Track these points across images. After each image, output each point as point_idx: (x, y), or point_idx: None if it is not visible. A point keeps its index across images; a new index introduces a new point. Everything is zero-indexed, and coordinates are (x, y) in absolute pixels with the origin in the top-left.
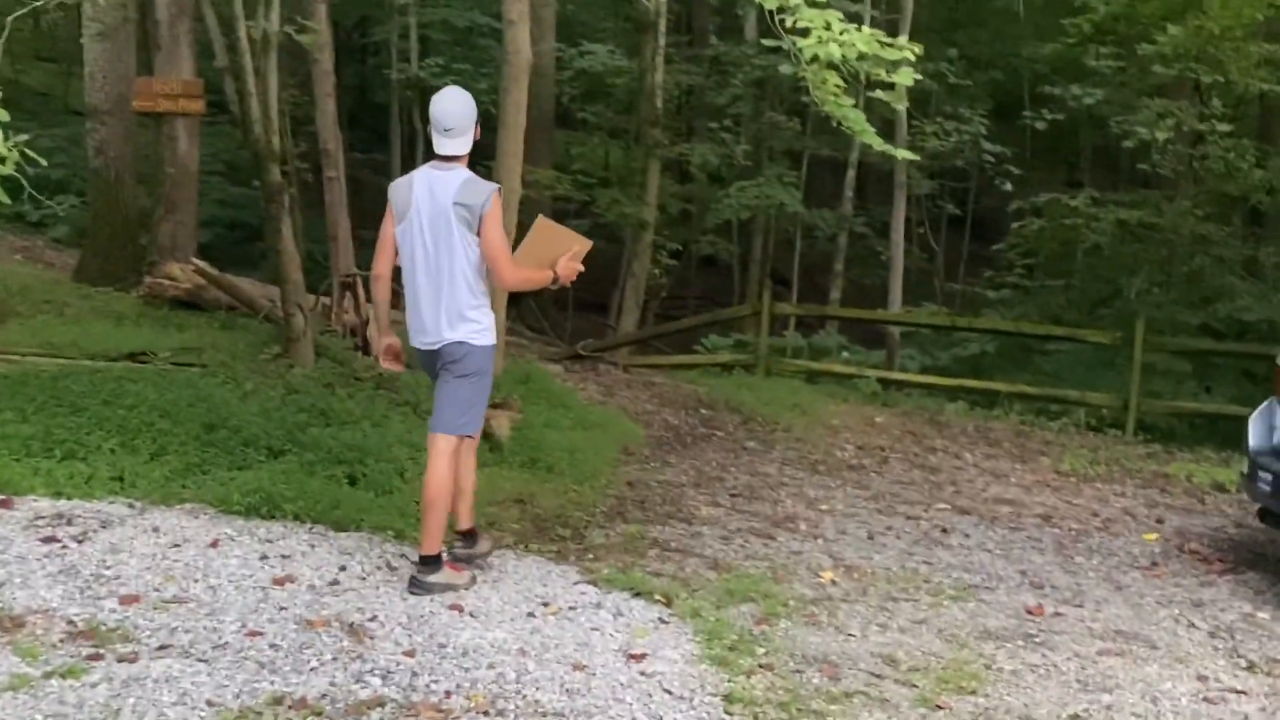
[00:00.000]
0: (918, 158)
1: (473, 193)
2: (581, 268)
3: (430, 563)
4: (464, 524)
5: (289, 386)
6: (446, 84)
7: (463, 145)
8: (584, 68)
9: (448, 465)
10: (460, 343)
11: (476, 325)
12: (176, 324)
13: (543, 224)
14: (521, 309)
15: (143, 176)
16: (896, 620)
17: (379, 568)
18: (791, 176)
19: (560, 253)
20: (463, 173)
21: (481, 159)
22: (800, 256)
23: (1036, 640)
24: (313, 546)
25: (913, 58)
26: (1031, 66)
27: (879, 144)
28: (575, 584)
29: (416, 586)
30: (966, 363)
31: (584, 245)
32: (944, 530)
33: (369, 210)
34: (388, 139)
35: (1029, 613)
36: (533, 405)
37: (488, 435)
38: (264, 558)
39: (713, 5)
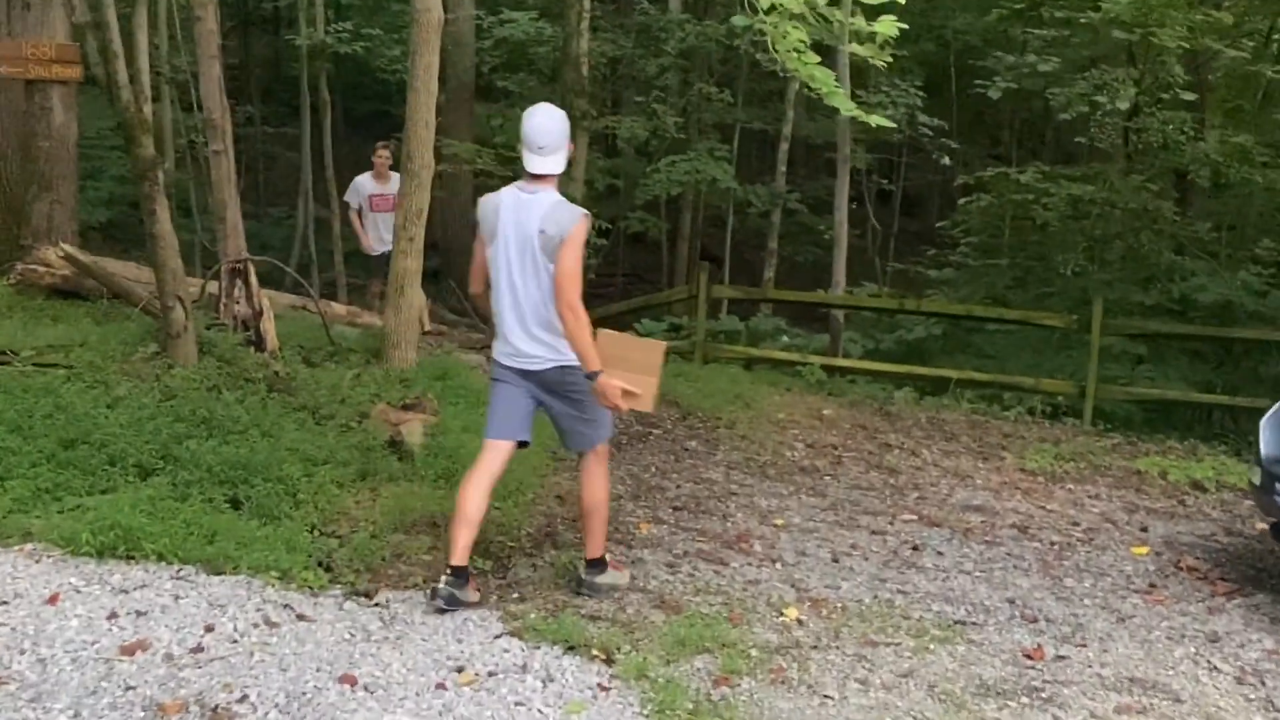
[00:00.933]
0: (896, 125)
1: (557, 219)
2: (623, 406)
3: (597, 564)
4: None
5: (166, 391)
6: (355, 50)
7: (555, 164)
8: (505, 36)
9: (604, 477)
10: (560, 366)
11: (564, 345)
12: (51, 316)
13: (604, 337)
14: (442, 288)
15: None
16: (878, 674)
17: (256, 624)
18: (723, 150)
19: (631, 355)
20: (551, 195)
21: (392, 130)
22: (731, 233)
23: (1043, 695)
24: (177, 598)
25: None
26: (964, 39)
27: (849, 107)
28: (496, 638)
29: (587, 589)
30: (910, 346)
31: (656, 352)
32: (915, 548)
33: (280, 187)
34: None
35: (1028, 657)
36: (450, 405)
37: (395, 444)
38: (113, 616)
39: None
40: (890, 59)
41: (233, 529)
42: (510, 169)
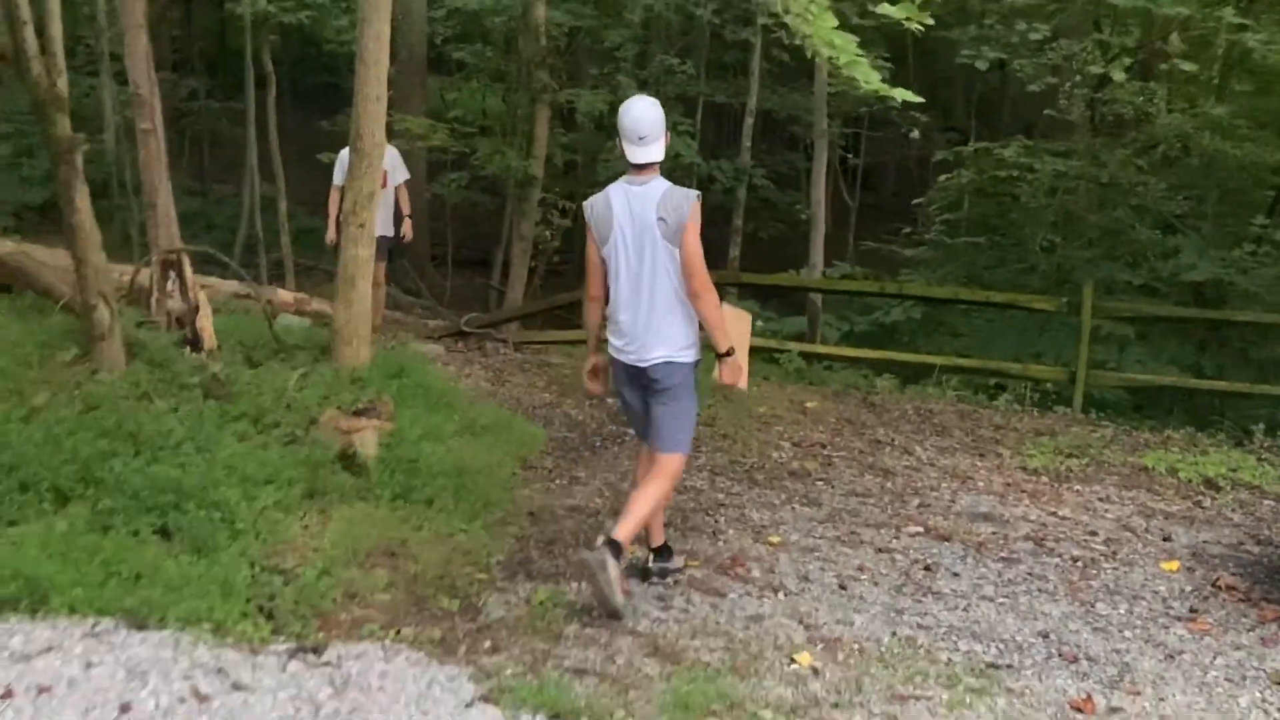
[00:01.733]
0: (923, 99)
1: (674, 205)
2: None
3: (664, 552)
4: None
5: (89, 400)
6: (301, 20)
7: (657, 151)
8: (458, 6)
9: (669, 483)
10: (668, 362)
11: (682, 342)
12: None
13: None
14: (395, 268)
15: None
16: None
17: (182, 699)
18: (686, 125)
19: (733, 329)
20: (660, 183)
21: (344, 104)
22: None
23: None
24: (89, 666)
25: None
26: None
27: (872, 78)
28: (468, 706)
29: (658, 576)
30: (886, 329)
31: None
32: (927, 569)
33: (229, 163)
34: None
35: (1078, 710)
36: (408, 407)
37: (347, 456)
38: (7, 695)
39: None
40: (930, 21)
41: (160, 568)
42: (465, 144)
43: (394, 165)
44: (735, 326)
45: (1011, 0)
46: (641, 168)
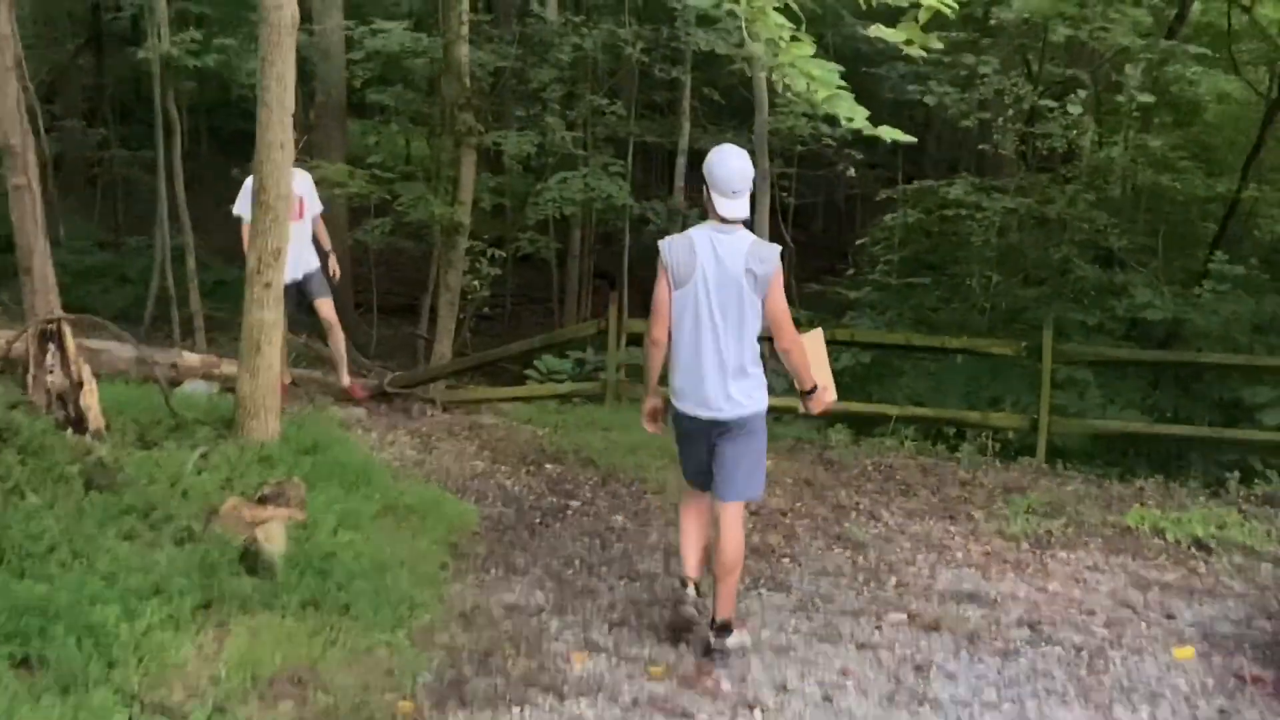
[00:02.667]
0: (914, 140)
1: (762, 258)
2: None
3: (727, 628)
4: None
5: None
6: (207, 64)
7: (745, 207)
8: (378, 48)
9: (742, 531)
10: (750, 412)
11: (756, 387)
12: None
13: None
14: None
15: None
16: None
17: None
18: (617, 165)
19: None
20: (746, 235)
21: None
22: (627, 250)
23: None
24: None
25: None
26: (852, 46)
27: (858, 117)
28: None
29: (718, 653)
30: (835, 375)
31: (819, 343)
32: (918, 668)
33: (143, 214)
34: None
35: None
36: (323, 490)
37: (250, 555)
38: None
39: None
40: (937, 45)
41: (15, 714)
42: (386, 190)
43: (309, 192)
44: (815, 353)
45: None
46: (729, 221)
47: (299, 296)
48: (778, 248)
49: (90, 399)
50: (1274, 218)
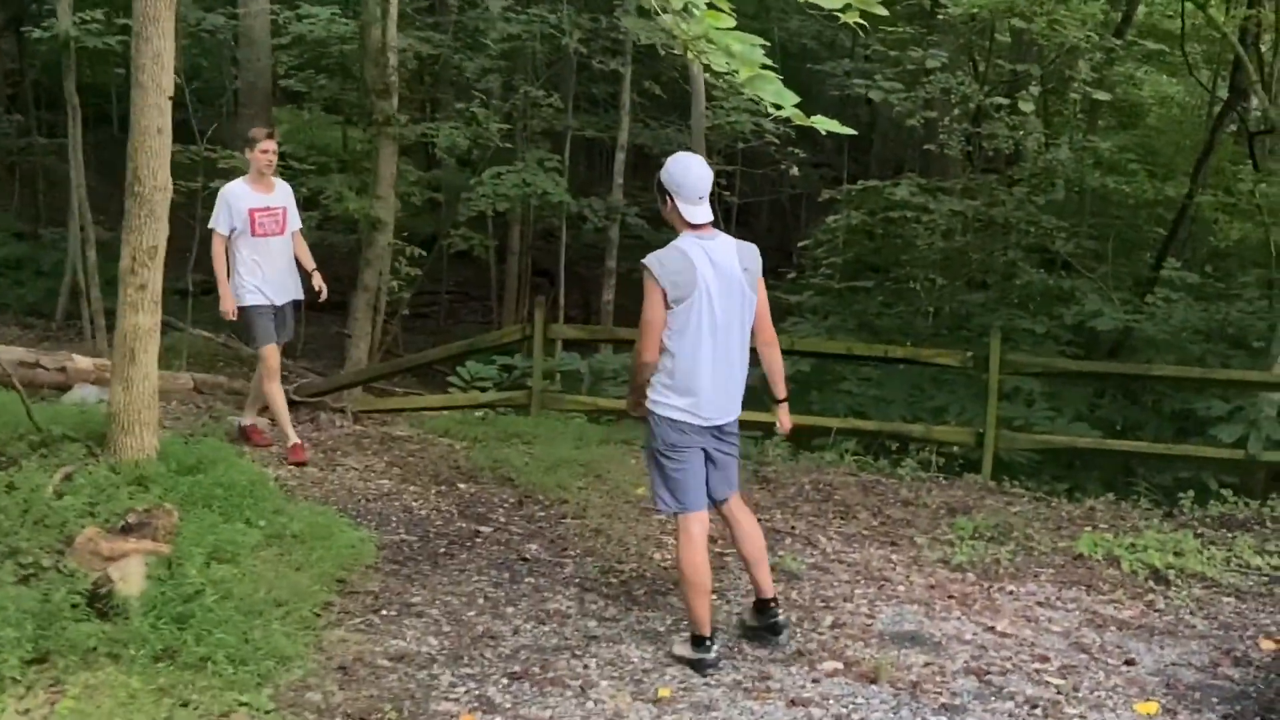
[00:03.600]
0: (852, 132)
1: (751, 256)
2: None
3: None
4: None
5: None
6: (110, 45)
7: (710, 209)
8: (303, 33)
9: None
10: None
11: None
12: None
13: None
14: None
15: None
16: None
17: None
18: (554, 161)
19: None
20: (726, 237)
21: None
22: (565, 248)
23: None
24: None
25: None
26: (798, 41)
27: (786, 102)
28: None
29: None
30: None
31: None
32: None
33: (58, 204)
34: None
35: None
36: (198, 517)
37: (99, 596)
38: None
39: None
40: (884, 11)
41: None
42: (303, 181)
43: (290, 204)
44: None
45: (897, 32)
46: (702, 226)
47: (285, 325)
48: (755, 245)
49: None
50: (1222, 223)
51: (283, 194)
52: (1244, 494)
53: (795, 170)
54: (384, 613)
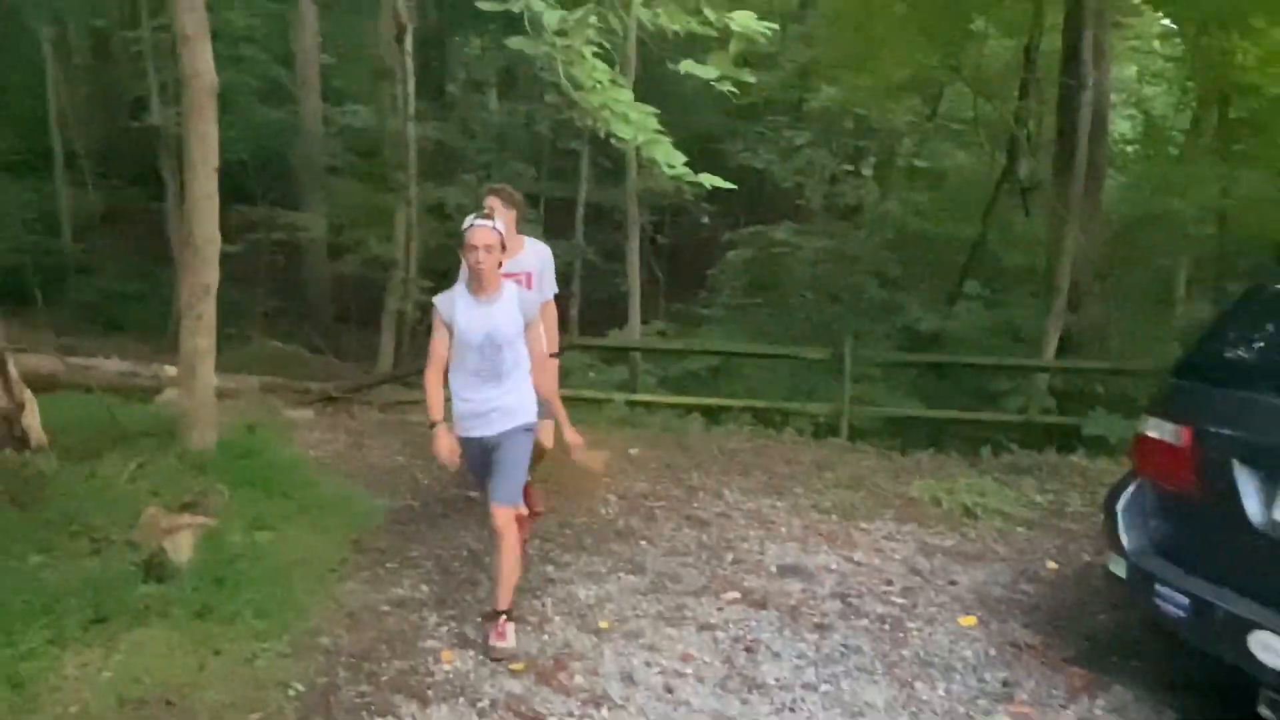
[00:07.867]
0: (732, 185)
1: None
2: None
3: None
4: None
5: None
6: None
7: None
8: (349, 123)
9: None
10: None
11: None
12: None
13: None
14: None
15: None
16: None
17: None
18: (532, 215)
19: None
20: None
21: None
22: None
23: None
24: None
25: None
26: (707, 126)
27: (675, 163)
28: None
29: None
30: (692, 375)
31: None
32: (748, 650)
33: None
34: None
35: None
36: (246, 495)
37: (154, 564)
38: None
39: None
40: (751, 79)
41: None
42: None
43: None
44: None
45: (775, 120)
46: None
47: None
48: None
49: (32, 419)
50: (1004, 252)
51: (538, 257)
52: (1027, 447)
53: (705, 219)
54: (387, 566)
